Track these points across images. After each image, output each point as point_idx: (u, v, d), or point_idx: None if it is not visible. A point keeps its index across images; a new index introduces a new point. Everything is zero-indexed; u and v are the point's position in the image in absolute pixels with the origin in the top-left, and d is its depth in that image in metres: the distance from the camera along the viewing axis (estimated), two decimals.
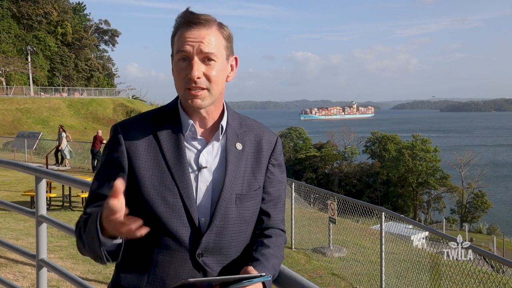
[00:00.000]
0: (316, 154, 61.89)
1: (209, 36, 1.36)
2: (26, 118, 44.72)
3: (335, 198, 9.23)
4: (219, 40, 1.38)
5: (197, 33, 1.35)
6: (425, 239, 11.32)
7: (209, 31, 1.36)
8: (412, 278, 7.67)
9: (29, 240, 7.47)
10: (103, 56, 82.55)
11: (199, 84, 1.34)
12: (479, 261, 8.00)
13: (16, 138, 25.70)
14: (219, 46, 1.38)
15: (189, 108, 1.41)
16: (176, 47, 1.37)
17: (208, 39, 1.35)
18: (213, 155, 1.41)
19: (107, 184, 1.38)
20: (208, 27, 1.36)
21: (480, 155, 68.66)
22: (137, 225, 1.18)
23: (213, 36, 1.37)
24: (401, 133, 76.24)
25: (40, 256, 2.97)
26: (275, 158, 1.50)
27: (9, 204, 3.52)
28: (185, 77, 1.35)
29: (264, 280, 1.27)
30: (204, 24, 1.36)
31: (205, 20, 1.36)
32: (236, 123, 1.47)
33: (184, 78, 1.35)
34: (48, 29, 66.58)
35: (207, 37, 1.35)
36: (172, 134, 1.40)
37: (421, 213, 54.11)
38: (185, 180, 1.36)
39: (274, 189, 1.49)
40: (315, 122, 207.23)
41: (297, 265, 8.90)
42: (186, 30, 1.35)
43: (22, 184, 14.46)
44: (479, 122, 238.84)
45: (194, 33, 1.35)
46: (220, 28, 1.40)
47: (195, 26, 1.35)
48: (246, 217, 1.42)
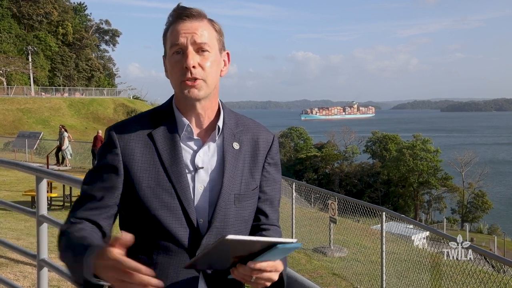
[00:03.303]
0: (317, 154, 61.86)
1: (202, 28, 1.38)
2: (26, 118, 44.75)
3: (335, 198, 9.24)
4: (211, 32, 1.40)
5: (190, 25, 1.37)
6: (426, 239, 11.32)
7: (201, 23, 1.38)
8: (413, 278, 7.67)
9: (30, 240, 7.47)
10: (103, 56, 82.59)
11: (195, 74, 1.34)
12: (480, 261, 7.99)
13: (16, 138, 25.72)
14: (211, 37, 1.39)
15: (185, 105, 1.41)
16: (169, 42, 1.38)
17: (201, 30, 1.37)
18: (209, 156, 1.41)
19: (99, 186, 1.37)
20: (200, 19, 1.39)
21: (480, 155, 68.80)
22: None
23: (205, 28, 1.39)
24: (402, 132, 76.31)
25: (41, 256, 2.98)
26: (272, 157, 1.49)
27: (10, 204, 3.53)
28: (180, 68, 1.35)
29: (296, 247, 1.17)
30: (196, 17, 1.38)
31: (197, 13, 1.39)
32: (233, 122, 1.47)
33: (180, 70, 1.35)
34: (48, 29, 66.62)
35: (199, 29, 1.37)
36: (167, 135, 1.39)
37: (422, 213, 54.08)
38: (182, 181, 1.35)
39: (270, 188, 1.49)
40: (315, 122, 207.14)
41: (298, 265, 8.90)
42: (178, 24, 1.37)
43: (23, 184, 14.46)
44: (481, 122, 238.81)
45: (186, 25, 1.36)
46: (211, 21, 1.42)
47: (187, 19, 1.37)
48: (245, 217, 1.42)
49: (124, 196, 1.38)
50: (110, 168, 1.37)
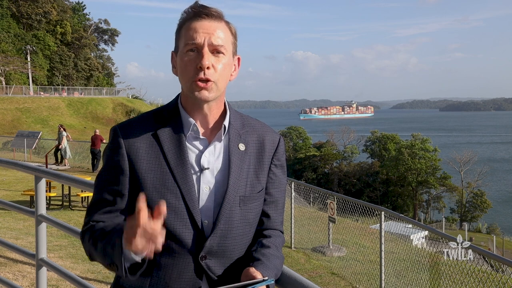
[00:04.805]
0: (316, 153, 61.86)
1: (220, 29, 1.35)
2: (25, 117, 44.67)
3: (334, 197, 9.23)
4: (228, 35, 1.38)
5: (208, 24, 1.34)
6: (425, 238, 11.34)
7: (220, 25, 1.36)
8: (412, 277, 7.67)
9: (28, 240, 7.47)
10: (102, 55, 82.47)
11: (208, 75, 1.32)
12: (479, 261, 8.00)
13: (15, 138, 25.66)
14: (227, 40, 1.37)
15: (192, 105, 1.39)
16: (184, 39, 1.35)
17: (219, 31, 1.35)
18: (215, 156, 1.39)
19: (110, 189, 1.37)
20: (218, 20, 1.37)
21: (479, 154, 68.85)
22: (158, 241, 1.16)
23: (223, 30, 1.36)
24: (401, 132, 76.39)
25: (40, 256, 2.97)
26: (278, 158, 1.48)
27: (9, 203, 3.52)
28: (194, 67, 1.32)
29: (268, 284, 1.25)
30: (216, 17, 1.36)
31: (216, 13, 1.36)
32: (239, 123, 1.45)
33: (193, 69, 1.32)
34: (47, 28, 66.50)
35: (218, 30, 1.35)
36: (173, 134, 1.38)
37: (421, 212, 54.13)
38: (188, 182, 1.34)
39: (276, 190, 1.47)
40: (314, 122, 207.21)
41: (297, 264, 8.90)
42: (196, 22, 1.34)
43: (22, 184, 14.45)
44: (480, 121, 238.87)
45: (205, 24, 1.34)
46: (228, 24, 1.40)
47: (206, 18, 1.35)
48: (250, 219, 1.41)
49: (129, 196, 1.37)
50: (117, 169, 1.36)
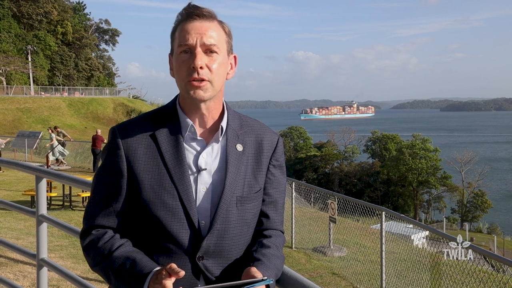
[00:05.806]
0: (317, 153, 61.84)
1: (212, 29, 1.36)
2: (26, 117, 44.69)
3: (335, 197, 9.22)
4: (221, 34, 1.38)
5: (200, 25, 1.35)
6: (426, 238, 11.31)
7: (212, 24, 1.36)
8: (413, 277, 7.67)
9: (29, 240, 7.47)
10: (103, 55, 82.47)
11: (202, 75, 1.32)
12: (480, 261, 7.99)
13: (16, 138, 25.68)
14: (221, 39, 1.37)
15: (189, 105, 1.39)
16: (178, 40, 1.36)
17: (211, 31, 1.35)
18: (212, 157, 1.39)
19: (108, 191, 1.37)
20: (210, 20, 1.37)
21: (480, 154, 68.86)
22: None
23: (215, 29, 1.37)
24: (401, 132, 76.35)
25: (41, 256, 2.97)
26: (276, 159, 1.48)
27: (10, 203, 3.52)
28: (188, 68, 1.33)
29: (267, 283, 1.24)
30: (207, 17, 1.36)
31: (208, 13, 1.37)
32: (237, 123, 1.45)
33: (187, 70, 1.33)
34: (48, 28, 66.52)
35: (209, 30, 1.35)
36: (171, 135, 1.38)
37: (422, 212, 54.07)
38: (185, 183, 1.34)
39: (274, 190, 1.47)
40: (315, 122, 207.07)
41: (298, 264, 8.90)
42: (188, 23, 1.35)
43: (23, 184, 14.46)
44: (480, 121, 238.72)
45: (196, 25, 1.35)
46: (221, 23, 1.40)
47: (198, 18, 1.35)
48: (247, 220, 1.41)
49: (127, 197, 1.37)
50: (115, 170, 1.37)
